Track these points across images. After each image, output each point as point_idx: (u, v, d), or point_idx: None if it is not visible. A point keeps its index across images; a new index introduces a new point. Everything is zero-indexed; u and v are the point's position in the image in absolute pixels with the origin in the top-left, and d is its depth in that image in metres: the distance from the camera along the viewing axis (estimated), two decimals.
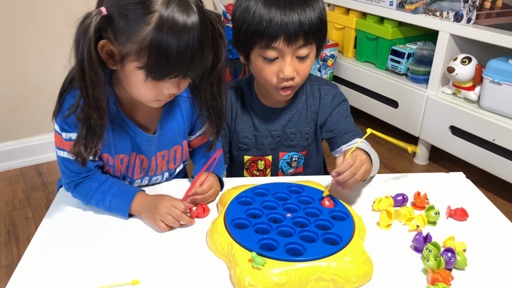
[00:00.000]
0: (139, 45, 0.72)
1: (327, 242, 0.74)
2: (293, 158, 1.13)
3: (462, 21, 1.75)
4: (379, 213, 0.86)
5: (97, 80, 0.74)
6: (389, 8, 2.04)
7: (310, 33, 0.94)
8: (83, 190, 0.88)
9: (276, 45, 0.93)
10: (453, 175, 1.04)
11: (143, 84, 0.77)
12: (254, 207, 0.82)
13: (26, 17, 1.87)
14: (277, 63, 0.96)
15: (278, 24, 0.91)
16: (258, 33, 0.93)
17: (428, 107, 1.93)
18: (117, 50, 0.75)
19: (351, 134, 1.06)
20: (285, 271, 0.68)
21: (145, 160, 0.93)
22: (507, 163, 1.66)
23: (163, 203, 0.83)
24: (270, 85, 0.99)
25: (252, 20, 0.93)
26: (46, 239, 0.81)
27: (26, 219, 1.70)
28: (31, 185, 1.92)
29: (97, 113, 0.77)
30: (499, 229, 0.86)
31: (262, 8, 0.92)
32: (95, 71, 0.73)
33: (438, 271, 0.70)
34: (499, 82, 1.65)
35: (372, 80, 2.17)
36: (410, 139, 2.17)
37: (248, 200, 0.85)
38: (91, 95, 0.74)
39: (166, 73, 0.74)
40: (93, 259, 0.76)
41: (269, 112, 1.09)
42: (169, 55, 0.72)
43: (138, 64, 0.74)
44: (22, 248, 1.55)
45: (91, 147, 0.80)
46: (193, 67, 0.76)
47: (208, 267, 0.74)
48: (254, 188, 0.88)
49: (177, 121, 0.94)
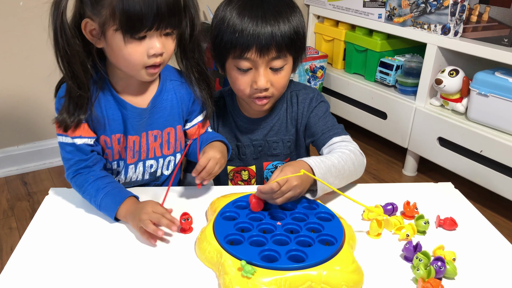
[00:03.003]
0: (110, 9, 0.77)
1: (323, 244, 0.74)
2: (277, 166, 1.12)
3: (449, 34, 1.78)
4: (369, 222, 0.86)
5: (72, 52, 0.80)
6: (378, 21, 2.07)
7: (283, 45, 0.94)
8: (80, 181, 0.90)
9: (249, 56, 0.93)
10: (442, 185, 1.04)
11: (125, 48, 0.80)
12: (242, 221, 0.81)
13: (10, 25, 1.85)
14: (251, 73, 0.96)
15: (250, 34, 0.92)
16: (231, 43, 0.94)
17: (417, 118, 1.95)
18: (97, 23, 0.80)
19: (328, 134, 1.04)
20: (275, 280, 0.67)
21: (137, 141, 0.94)
22: (494, 174, 1.68)
23: (145, 210, 0.81)
24: (244, 95, 1.00)
25: (226, 30, 0.94)
26: (29, 249, 0.79)
27: (10, 229, 1.66)
28: (16, 194, 1.88)
29: (75, 83, 0.83)
30: (488, 238, 0.86)
31: (236, 19, 0.93)
32: (68, 42, 0.80)
33: (428, 280, 0.70)
34: (486, 94, 1.67)
35: (361, 92, 2.19)
36: (398, 150, 2.19)
37: (233, 215, 0.83)
38: (66, 65, 0.82)
39: (139, 26, 0.78)
40: (78, 269, 0.74)
41: (249, 122, 1.09)
42: (136, 8, 0.76)
43: (114, 26, 0.78)
44: (5, 258, 1.51)
45: (74, 116, 0.85)
46: (165, 19, 0.80)
47: (197, 276, 0.73)
48: (234, 201, 0.86)
49: (170, 102, 0.96)
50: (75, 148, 0.89)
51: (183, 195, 0.96)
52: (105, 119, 0.91)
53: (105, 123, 0.91)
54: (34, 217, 0.88)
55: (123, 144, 0.94)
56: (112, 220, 0.86)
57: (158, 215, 0.80)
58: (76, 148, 0.89)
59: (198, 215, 0.88)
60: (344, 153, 0.96)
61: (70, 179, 0.92)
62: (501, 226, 1.72)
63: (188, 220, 0.82)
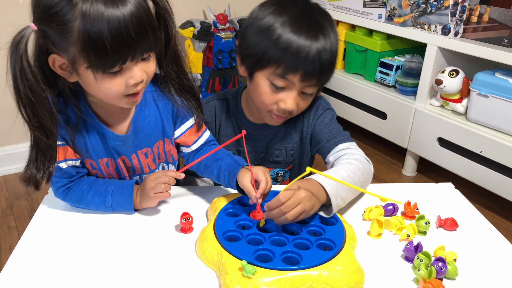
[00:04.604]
0: (78, 46, 0.69)
1: (321, 248, 0.74)
2: (279, 173, 1.11)
3: (449, 35, 1.78)
4: (370, 222, 0.85)
5: (36, 99, 0.71)
6: (378, 21, 2.06)
7: (324, 75, 0.92)
8: (76, 196, 0.87)
9: (291, 78, 0.90)
10: (442, 185, 1.04)
11: (102, 83, 0.73)
12: (243, 218, 0.81)
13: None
14: (282, 92, 0.92)
15: (302, 58, 0.87)
16: (277, 60, 0.88)
17: (416, 119, 1.94)
18: (66, 59, 0.72)
19: (334, 141, 1.01)
20: (276, 280, 0.67)
21: (126, 160, 0.91)
22: (494, 175, 1.68)
23: (148, 180, 0.86)
24: (264, 108, 0.96)
25: (274, 43, 0.88)
26: (29, 248, 0.79)
27: (9, 228, 1.66)
28: (15, 193, 1.88)
29: (43, 134, 0.75)
30: (488, 239, 0.86)
31: (290, 35, 0.87)
32: (32, 88, 0.70)
33: (429, 280, 0.69)
34: (486, 94, 1.67)
35: (361, 92, 2.18)
36: (398, 151, 2.19)
37: (236, 211, 0.83)
38: (31, 114, 0.72)
39: (111, 62, 0.71)
40: (78, 268, 0.74)
41: (253, 128, 1.06)
42: (105, 43, 0.68)
43: (85, 64, 0.71)
44: (4, 258, 1.51)
45: (44, 169, 0.78)
46: (139, 46, 0.71)
47: (197, 276, 0.73)
48: (239, 199, 0.86)
49: (154, 117, 0.90)
50: (61, 172, 0.85)
51: (183, 195, 0.96)
52: (87, 144, 0.86)
53: (88, 148, 0.86)
54: (34, 217, 0.87)
55: (113, 166, 0.91)
56: (112, 219, 0.86)
57: (164, 177, 0.85)
58: (62, 172, 0.85)
59: (199, 215, 0.88)
60: (351, 164, 0.92)
61: (63, 198, 0.88)
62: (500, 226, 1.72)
63: (189, 220, 0.82)
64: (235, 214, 0.83)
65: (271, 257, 0.71)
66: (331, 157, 1.00)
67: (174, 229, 0.84)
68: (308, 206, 0.78)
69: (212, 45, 2.26)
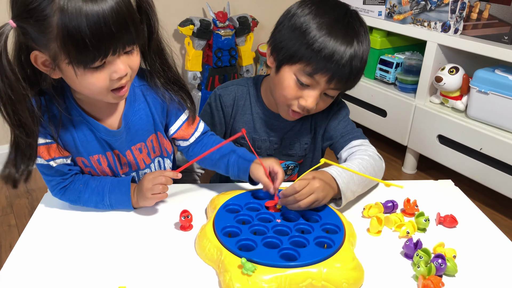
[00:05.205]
0: (58, 41, 0.68)
1: (320, 246, 0.74)
2: (289, 166, 1.12)
3: (449, 32, 1.78)
4: (369, 219, 0.85)
5: (16, 97, 0.70)
6: (378, 18, 2.06)
7: (352, 80, 0.93)
8: (73, 195, 0.87)
9: (318, 78, 0.90)
10: (442, 182, 1.04)
11: (85, 79, 0.72)
12: (243, 213, 0.81)
13: None
14: (305, 90, 0.93)
15: (334, 61, 0.88)
16: (308, 59, 0.89)
17: (416, 116, 1.94)
18: (47, 55, 0.71)
19: (348, 137, 1.03)
20: (275, 277, 0.67)
21: (121, 156, 0.91)
22: (494, 172, 1.68)
23: (146, 180, 0.86)
24: (284, 102, 0.97)
25: (307, 42, 0.89)
26: (29, 246, 0.79)
27: (9, 227, 1.66)
28: (15, 191, 1.88)
29: (23, 132, 0.74)
30: (488, 236, 0.86)
31: (325, 37, 0.88)
32: (12, 86, 0.69)
33: (428, 277, 0.69)
34: (486, 92, 1.67)
35: (360, 89, 2.18)
36: (398, 148, 2.18)
37: (236, 208, 0.84)
38: (11, 113, 0.71)
39: (92, 57, 0.69)
40: (78, 266, 0.74)
41: (271, 117, 1.06)
42: (84, 38, 0.66)
43: (67, 60, 0.70)
44: (4, 256, 1.51)
45: (23, 168, 0.77)
46: (120, 39, 0.70)
47: (197, 274, 0.73)
48: (253, 192, 0.88)
49: (144, 111, 0.90)
50: (53, 170, 0.85)
51: (183, 192, 0.96)
52: (76, 141, 0.85)
53: (77, 145, 0.85)
54: (33, 215, 0.87)
55: (105, 163, 0.90)
56: (111, 217, 0.86)
57: (162, 177, 0.85)
58: (53, 170, 0.85)
59: (198, 212, 0.88)
60: (364, 160, 0.95)
61: (60, 197, 0.88)
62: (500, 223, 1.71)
63: (188, 217, 0.82)
64: (235, 210, 0.83)
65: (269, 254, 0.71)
66: (344, 153, 1.02)
67: (173, 226, 0.84)
68: (321, 196, 0.82)
69: (212, 43, 2.26)
